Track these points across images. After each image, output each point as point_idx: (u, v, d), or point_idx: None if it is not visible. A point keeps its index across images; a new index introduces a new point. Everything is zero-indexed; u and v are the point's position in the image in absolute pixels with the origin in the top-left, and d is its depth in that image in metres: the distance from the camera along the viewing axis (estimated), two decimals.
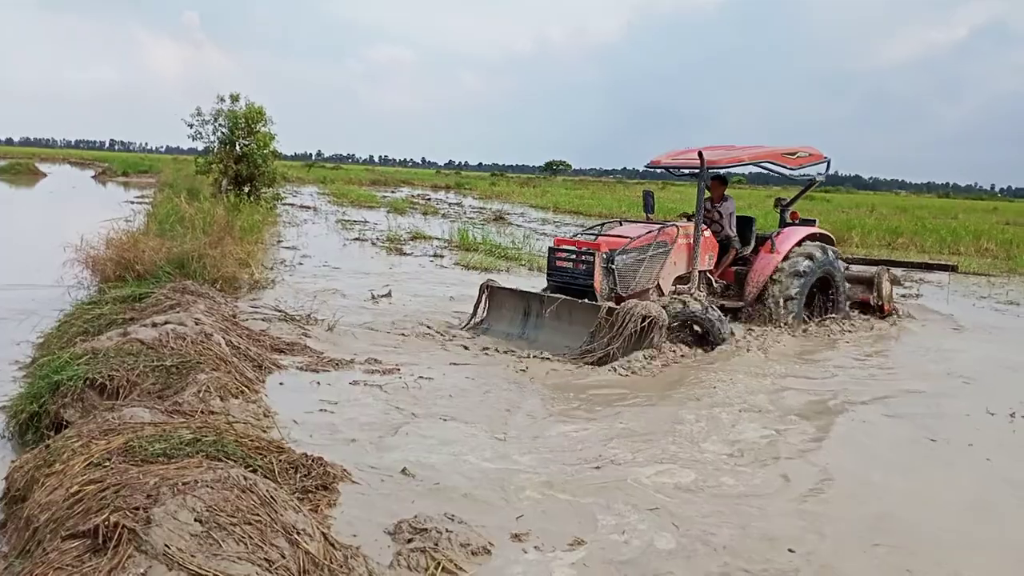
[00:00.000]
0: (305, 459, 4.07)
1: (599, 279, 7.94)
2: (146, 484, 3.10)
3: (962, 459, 5.25)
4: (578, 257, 8.12)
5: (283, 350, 6.93)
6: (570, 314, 7.79)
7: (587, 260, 8.01)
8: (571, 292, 8.05)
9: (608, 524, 3.89)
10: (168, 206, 14.36)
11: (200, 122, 20.58)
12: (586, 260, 8.02)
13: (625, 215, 22.62)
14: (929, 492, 4.62)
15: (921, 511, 4.31)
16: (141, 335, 5.66)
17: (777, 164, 9.33)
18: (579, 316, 7.70)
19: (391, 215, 24.52)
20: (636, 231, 8.56)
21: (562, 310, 7.82)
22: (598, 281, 7.94)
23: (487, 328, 8.33)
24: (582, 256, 8.08)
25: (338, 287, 10.62)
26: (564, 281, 8.23)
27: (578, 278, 8.06)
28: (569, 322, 7.77)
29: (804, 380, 7.06)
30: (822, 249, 9.43)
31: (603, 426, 5.43)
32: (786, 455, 5.07)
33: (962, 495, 4.62)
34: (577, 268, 8.10)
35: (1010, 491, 4.70)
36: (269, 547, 2.94)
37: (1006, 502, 4.55)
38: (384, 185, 52.55)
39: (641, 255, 8.26)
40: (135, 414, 4.23)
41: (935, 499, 4.53)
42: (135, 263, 8.94)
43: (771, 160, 9.27)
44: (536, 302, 8.14)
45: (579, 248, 8.19)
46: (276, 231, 17.93)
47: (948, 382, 7.26)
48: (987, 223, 30.03)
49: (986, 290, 13.95)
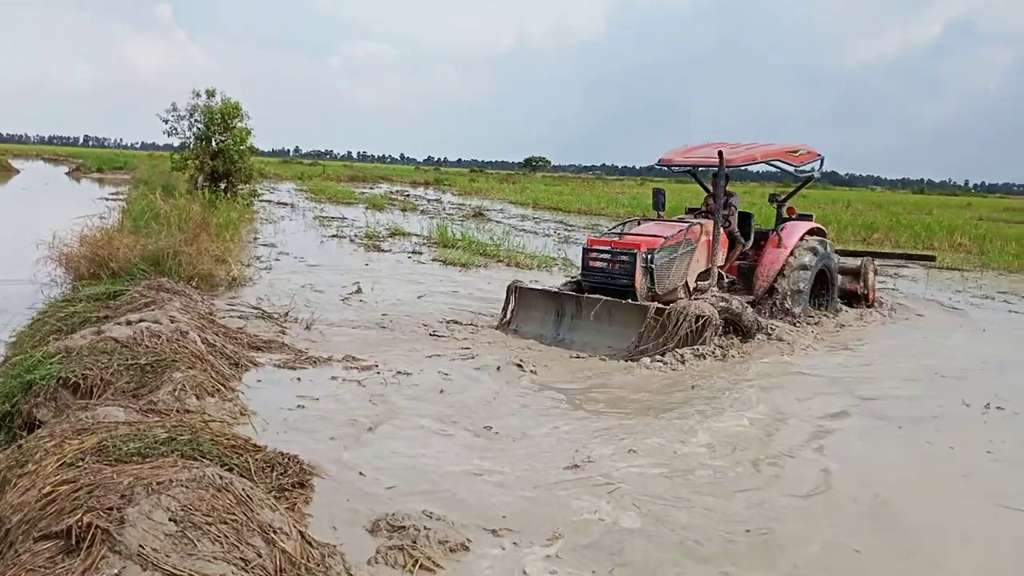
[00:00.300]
0: (282, 457, 4.05)
1: (640, 278, 7.93)
2: (120, 484, 3.07)
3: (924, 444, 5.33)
4: (614, 257, 8.11)
5: (260, 347, 6.89)
6: (610, 314, 7.74)
7: (627, 260, 7.99)
8: (608, 292, 8.00)
9: (583, 518, 3.91)
10: (143, 203, 14.23)
11: (175, 118, 20.39)
12: (626, 260, 8.00)
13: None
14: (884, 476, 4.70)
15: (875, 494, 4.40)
16: (115, 333, 5.60)
17: (783, 161, 9.52)
18: (621, 316, 7.68)
19: (370, 211, 24.40)
20: (667, 229, 8.53)
21: (602, 311, 7.75)
22: (639, 281, 7.92)
23: (516, 329, 8.25)
24: (620, 256, 8.06)
25: (315, 284, 10.56)
26: (600, 281, 8.18)
27: (617, 278, 8.03)
28: (609, 322, 7.71)
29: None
30: (821, 243, 9.68)
31: (584, 423, 5.46)
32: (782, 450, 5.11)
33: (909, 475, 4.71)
34: (614, 268, 8.09)
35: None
36: (245, 546, 2.93)
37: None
38: (363, 181, 52.31)
39: (673, 253, 8.31)
40: (109, 413, 4.19)
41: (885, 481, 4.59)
42: (109, 260, 8.85)
43: (779, 158, 9.45)
44: (571, 303, 8.05)
45: (616, 248, 8.18)
46: (253, 228, 17.80)
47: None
48: (961, 218, 30.42)
49: (960, 284, 14.13)
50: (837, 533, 3.93)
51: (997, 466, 5.07)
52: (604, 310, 7.76)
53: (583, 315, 7.89)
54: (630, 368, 6.97)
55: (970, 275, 15.60)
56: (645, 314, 7.48)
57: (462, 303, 9.85)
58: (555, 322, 8.10)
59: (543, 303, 8.30)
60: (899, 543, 3.90)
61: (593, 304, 7.81)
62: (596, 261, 8.27)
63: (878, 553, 3.76)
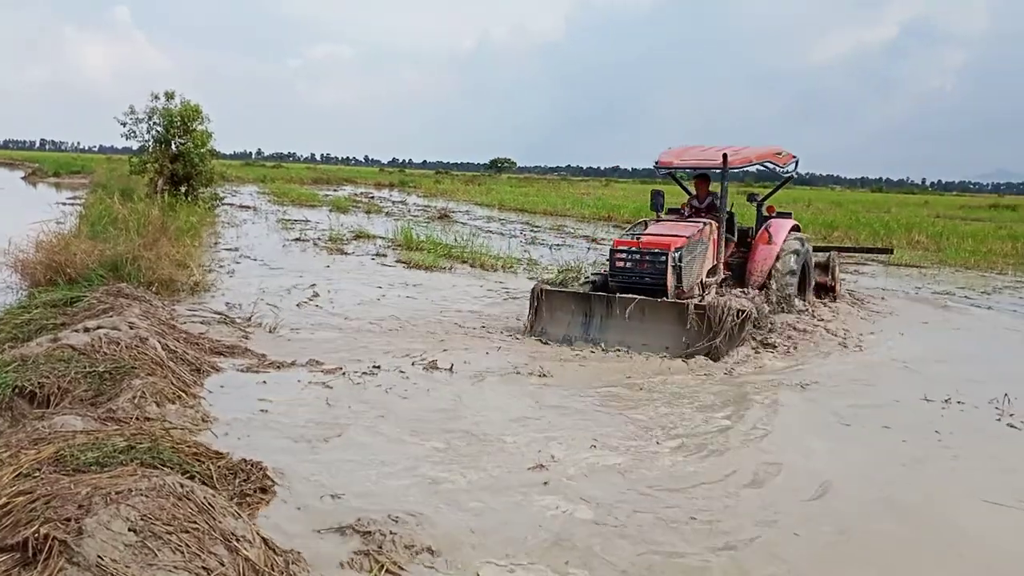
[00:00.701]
0: (244, 464, 4.01)
1: (670, 277, 8.09)
2: (78, 494, 3.01)
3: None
4: (643, 257, 8.23)
5: (223, 353, 6.81)
6: (643, 313, 7.90)
7: (659, 260, 8.12)
8: (636, 291, 8.13)
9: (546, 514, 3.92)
10: (101, 207, 13.97)
11: (134, 121, 20.04)
12: (658, 260, 8.13)
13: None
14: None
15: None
16: (73, 341, 5.50)
17: (772, 163, 9.94)
18: (654, 314, 7.88)
19: (334, 214, 24.23)
20: (684, 229, 8.70)
21: (635, 309, 7.91)
22: (670, 279, 8.08)
23: (543, 331, 8.31)
24: (649, 256, 8.19)
25: (278, 288, 10.46)
26: (629, 281, 8.28)
27: (646, 277, 8.18)
28: (641, 321, 7.88)
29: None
30: (802, 240, 10.08)
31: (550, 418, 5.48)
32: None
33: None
34: (644, 268, 8.21)
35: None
36: (207, 555, 2.89)
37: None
38: (326, 183, 51.86)
39: (693, 252, 8.53)
40: (66, 422, 4.12)
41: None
42: (66, 266, 8.67)
43: (769, 159, 9.84)
44: (600, 303, 8.15)
45: (646, 248, 8.27)
46: (215, 232, 17.58)
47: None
48: (918, 216, 31.04)
49: (919, 281, 14.41)
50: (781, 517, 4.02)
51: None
52: (637, 309, 7.90)
53: (614, 314, 8.03)
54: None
55: (928, 271, 15.92)
56: (678, 311, 7.78)
57: (423, 305, 9.82)
58: (583, 323, 8.19)
59: (570, 305, 8.34)
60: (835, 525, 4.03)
61: (626, 304, 7.95)
62: (624, 261, 8.36)
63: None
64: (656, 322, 7.87)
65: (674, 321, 7.79)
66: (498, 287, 11.38)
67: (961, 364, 7.88)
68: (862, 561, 3.73)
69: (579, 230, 23.06)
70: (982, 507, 4.40)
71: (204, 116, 20.38)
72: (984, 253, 18.63)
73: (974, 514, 4.31)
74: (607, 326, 8.06)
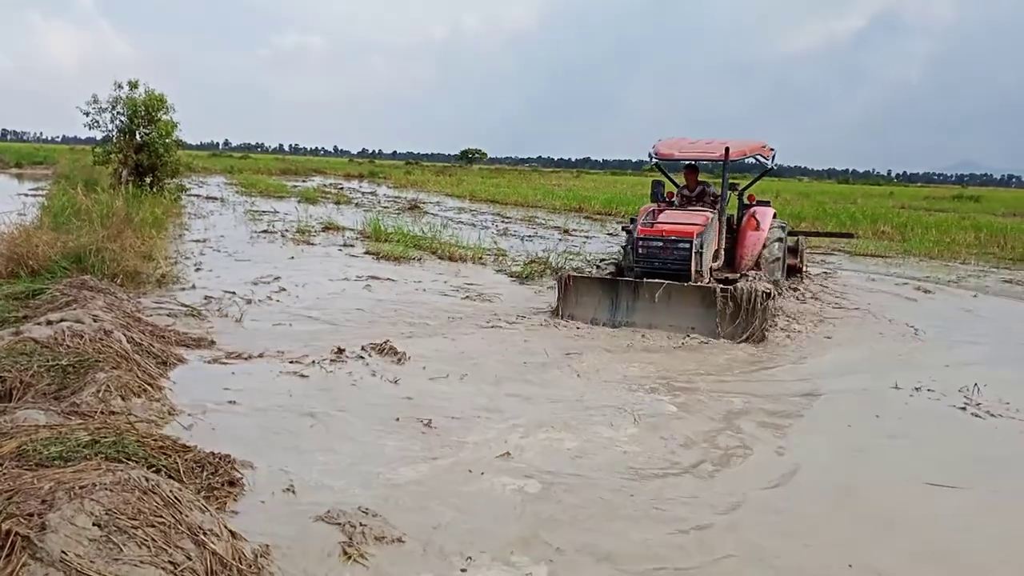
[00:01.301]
0: (212, 457, 3.97)
1: (694, 263, 8.69)
2: (41, 489, 2.97)
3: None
4: (666, 244, 8.79)
5: (189, 345, 6.73)
6: (669, 297, 8.39)
7: (683, 246, 8.71)
8: (660, 276, 8.62)
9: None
10: (64, 198, 13.70)
11: (97, 110, 19.68)
12: (681, 246, 8.71)
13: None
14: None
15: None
16: (35, 334, 5.40)
17: (760, 155, 10.65)
18: (680, 298, 8.39)
19: (303, 205, 24.00)
20: (696, 217, 9.26)
21: (666, 294, 8.41)
22: (694, 264, 8.68)
23: (571, 316, 8.73)
24: (672, 243, 8.77)
25: (245, 279, 10.35)
26: (654, 267, 8.77)
27: (669, 263, 8.73)
28: (667, 304, 8.38)
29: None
30: (782, 227, 10.97)
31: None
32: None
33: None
34: (668, 254, 8.76)
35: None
36: (174, 549, 2.86)
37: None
38: (295, 174, 51.34)
39: (706, 238, 9.06)
40: (29, 416, 4.05)
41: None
42: (28, 258, 8.50)
43: (759, 152, 10.57)
44: (626, 288, 8.61)
45: (669, 236, 8.82)
46: (182, 223, 17.34)
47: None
48: (884, 207, 31.48)
49: (884, 270, 14.64)
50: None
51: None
52: (664, 293, 8.40)
53: (641, 298, 8.51)
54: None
55: (892, 260, 16.17)
56: (703, 294, 8.33)
57: (389, 295, 9.78)
58: (610, 307, 8.64)
59: (597, 290, 8.79)
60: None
61: (654, 288, 8.44)
62: (650, 248, 8.86)
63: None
64: (682, 304, 8.35)
65: (698, 304, 8.28)
66: (461, 281, 11.31)
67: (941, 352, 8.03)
68: (810, 541, 3.79)
69: (550, 221, 23.08)
70: (924, 489, 4.53)
71: (169, 106, 20.08)
72: (947, 243, 18.96)
73: (916, 495, 4.45)
74: (635, 309, 8.52)
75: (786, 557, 3.63)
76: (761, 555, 3.63)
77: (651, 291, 8.44)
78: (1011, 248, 18.33)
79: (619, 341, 7.88)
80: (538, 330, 8.22)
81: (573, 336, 8.03)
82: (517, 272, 11.71)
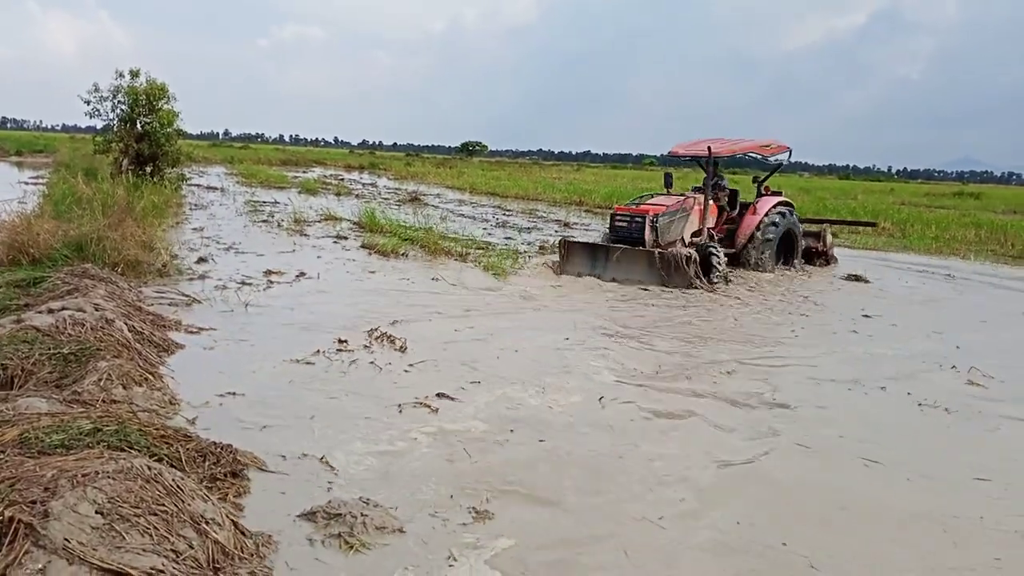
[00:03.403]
0: (214, 447, 3.97)
1: (648, 234, 11.51)
2: (43, 477, 2.97)
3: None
4: (632, 219, 11.77)
5: (191, 334, 6.73)
6: (627, 257, 11.34)
7: (639, 221, 11.65)
8: (626, 243, 11.58)
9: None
10: (64, 187, 13.68)
11: (98, 99, 19.54)
12: (639, 221, 11.65)
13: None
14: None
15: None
16: (36, 322, 5.41)
17: (756, 154, 13.03)
18: (632, 257, 11.32)
19: (303, 195, 23.95)
20: (668, 201, 12.23)
21: (623, 256, 11.37)
22: (648, 235, 11.52)
23: (567, 269, 11.70)
24: (636, 219, 11.72)
25: (247, 269, 10.35)
26: (622, 236, 11.79)
27: (632, 234, 11.67)
28: (626, 263, 11.31)
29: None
30: (788, 211, 13.17)
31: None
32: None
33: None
34: (631, 227, 11.72)
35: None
36: (176, 538, 2.87)
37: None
38: (295, 165, 51.24)
39: (672, 217, 11.91)
40: (31, 404, 4.05)
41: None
42: (29, 246, 8.49)
43: (753, 151, 12.99)
44: (602, 251, 11.70)
45: (633, 213, 11.87)
46: (182, 213, 17.30)
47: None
48: (884, 203, 31.48)
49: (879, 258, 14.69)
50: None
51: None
52: (624, 255, 11.37)
53: (609, 259, 11.49)
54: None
55: (893, 256, 16.20)
56: (648, 256, 11.17)
57: (384, 285, 9.79)
58: (591, 263, 11.65)
59: (585, 251, 11.87)
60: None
61: (615, 251, 11.48)
62: (619, 222, 11.95)
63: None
64: (634, 263, 11.27)
65: (645, 263, 11.20)
66: (441, 281, 11.25)
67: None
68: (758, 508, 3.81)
69: (551, 214, 23.06)
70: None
71: (170, 95, 19.98)
72: (947, 240, 18.97)
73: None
74: (606, 266, 11.48)
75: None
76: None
77: (613, 253, 11.45)
78: (1011, 245, 18.36)
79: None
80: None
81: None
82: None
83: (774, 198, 13.20)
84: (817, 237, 13.83)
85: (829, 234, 14.03)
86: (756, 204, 13.03)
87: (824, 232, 13.91)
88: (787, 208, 13.21)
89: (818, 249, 13.75)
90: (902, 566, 3.59)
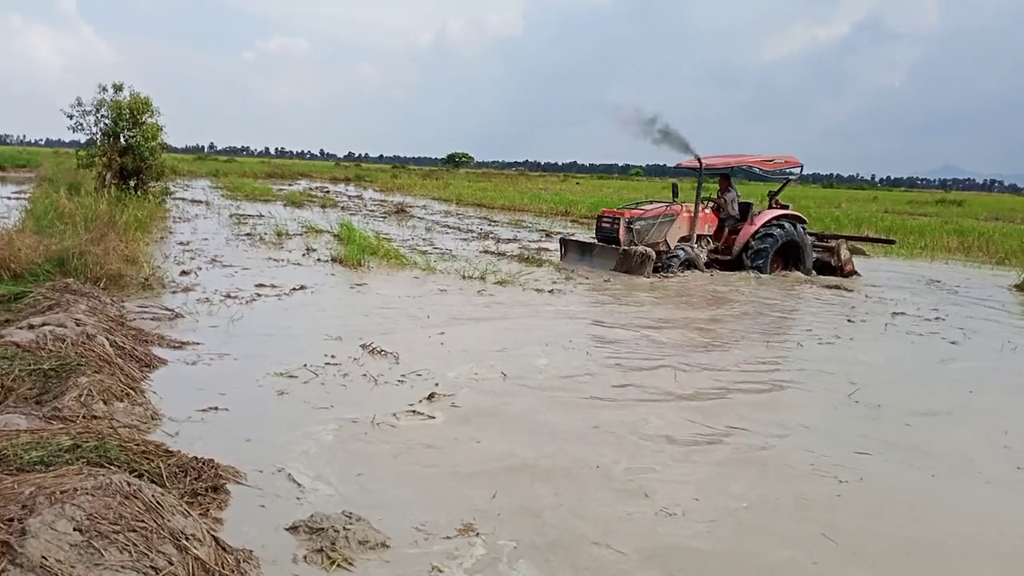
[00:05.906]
0: (195, 462, 3.94)
1: (623, 234, 13.48)
2: (21, 494, 2.94)
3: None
4: (613, 221, 13.73)
5: (174, 349, 6.70)
6: (602, 253, 13.75)
7: (616, 223, 13.60)
8: (607, 241, 13.75)
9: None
10: (47, 201, 13.60)
11: (81, 113, 19.46)
12: (616, 223, 13.60)
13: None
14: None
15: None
16: (17, 337, 5.36)
17: (753, 168, 14.20)
18: (606, 254, 13.63)
19: (288, 208, 23.90)
20: (652, 208, 14.15)
21: (600, 251, 13.84)
22: (622, 235, 13.49)
23: (565, 263, 13.97)
24: (612, 220, 13.73)
25: (230, 284, 10.31)
26: (604, 235, 13.90)
27: (611, 233, 13.69)
28: (603, 257, 13.66)
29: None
30: (791, 224, 14.16)
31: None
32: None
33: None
34: (612, 227, 13.68)
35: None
36: (156, 554, 2.84)
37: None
38: (281, 178, 51.21)
39: (652, 222, 13.71)
40: (10, 421, 4.02)
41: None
42: (10, 262, 8.43)
43: (751, 164, 14.22)
44: (588, 248, 14.15)
45: (612, 216, 13.85)
46: (166, 227, 17.24)
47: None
48: (867, 212, 31.76)
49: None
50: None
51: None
52: (600, 250, 13.83)
53: (594, 254, 13.89)
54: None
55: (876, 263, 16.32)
56: (616, 253, 13.36)
57: (367, 302, 9.77)
58: (581, 257, 14.10)
59: (577, 247, 14.43)
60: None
61: (594, 248, 14.00)
62: (604, 223, 13.98)
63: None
64: (608, 259, 13.50)
65: (615, 258, 13.38)
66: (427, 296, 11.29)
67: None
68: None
69: (537, 224, 23.11)
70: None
71: (154, 109, 19.90)
72: (930, 247, 19.13)
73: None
74: (592, 259, 13.84)
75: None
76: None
77: (592, 249, 13.98)
78: (994, 252, 18.54)
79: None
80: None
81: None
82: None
83: (774, 211, 14.26)
84: (831, 252, 14.33)
85: (844, 249, 14.39)
86: (755, 216, 14.20)
87: (839, 247, 14.31)
88: (791, 220, 14.14)
89: (831, 262, 14.20)
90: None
